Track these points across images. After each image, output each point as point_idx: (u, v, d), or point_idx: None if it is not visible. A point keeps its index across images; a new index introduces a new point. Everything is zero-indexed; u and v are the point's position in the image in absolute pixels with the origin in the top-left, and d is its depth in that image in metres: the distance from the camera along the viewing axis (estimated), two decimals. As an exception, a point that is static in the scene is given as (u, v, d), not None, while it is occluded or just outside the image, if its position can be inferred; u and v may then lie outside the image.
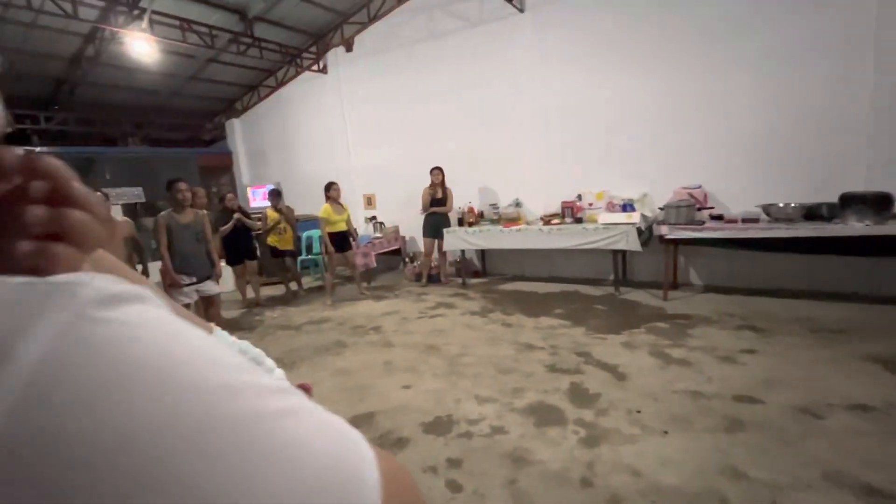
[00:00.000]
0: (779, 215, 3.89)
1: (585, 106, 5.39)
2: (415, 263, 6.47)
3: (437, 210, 5.77)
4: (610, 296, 4.75)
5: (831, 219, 3.68)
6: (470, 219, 5.83)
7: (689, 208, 4.26)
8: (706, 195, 4.61)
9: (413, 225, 6.54)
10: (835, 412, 2.26)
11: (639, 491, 1.82)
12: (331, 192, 5.35)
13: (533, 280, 5.76)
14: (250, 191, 8.63)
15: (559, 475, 1.97)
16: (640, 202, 4.94)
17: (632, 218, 4.63)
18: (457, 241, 5.65)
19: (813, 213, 3.79)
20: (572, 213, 5.17)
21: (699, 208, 4.43)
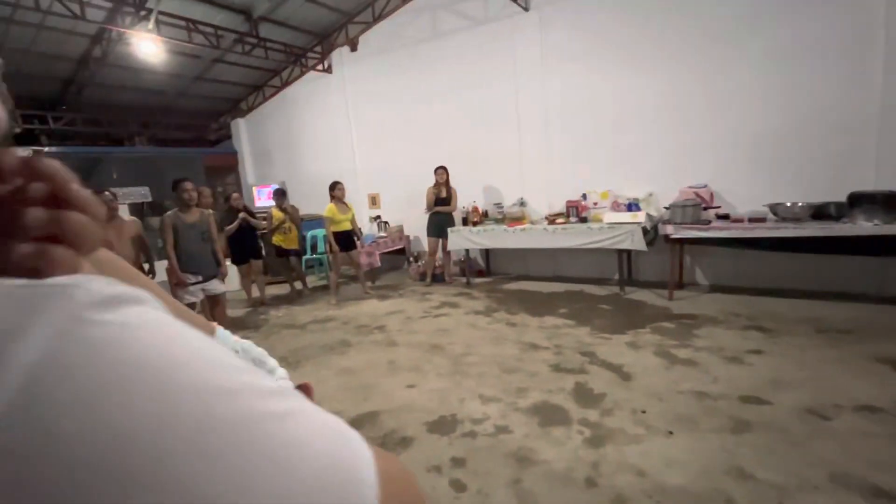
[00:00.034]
0: (786, 214, 3.85)
1: (591, 105, 5.36)
2: (419, 263, 6.48)
3: (441, 209, 5.77)
4: (615, 295, 4.74)
5: (839, 218, 3.65)
6: (474, 218, 5.83)
7: (695, 208, 4.23)
8: (712, 194, 4.58)
9: (417, 224, 6.54)
10: (842, 413, 2.24)
11: (643, 491, 1.82)
12: (335, 192, 5.37)
13: (537, 279, 5.75)
14: (255, 190, 8.67)
15: (563, 475, 1.96)
16: (645, 201, 4.92)
17: (637, 217, 4.61)
18: (461, 240, 5.64)
19: (821, 212, 3.75)
20: (577, 212, 5.15)
21: (705, 207, 4.40)
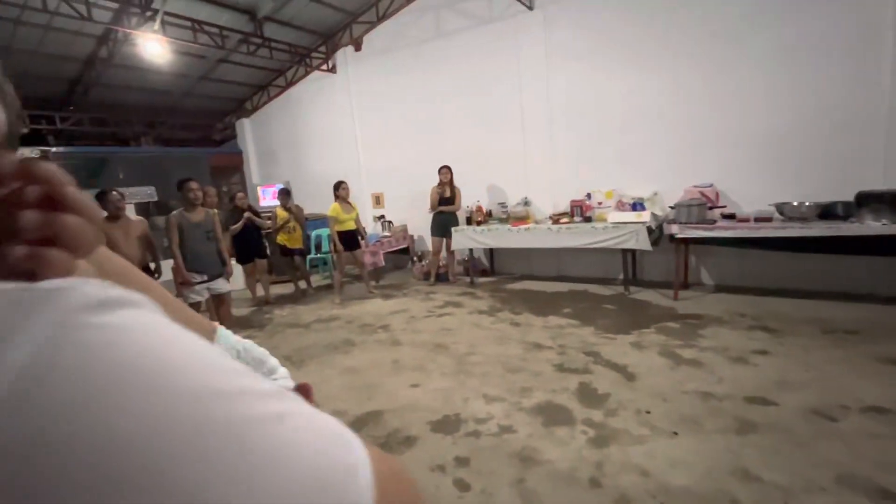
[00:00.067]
0: (793, 214, 3.82)
1: (595, 104, 5.34)
2: (423, 262, 6.48)
3: (445, 209, 5.77)
4: (619, 295, 4.72)
5: (847, 218, 3.61)
6: (478, 217, 5.83)
7: (701, 207, 4.21)
8: (718, 194, 4.55)
9: (421, 224, 6.54)
10: (849, 414, 2.22)
11: (648, 491, 1.81)
12: (339, 191, 5.38)
13: (541, 279, 5.74)
14: (260, 190, 8.69)
15: (567, 475, 1.96)
16: (650, 201, 4.89)
17: (642, 217, 4.58)
18: (465, 239, 5.64)
19: (828, 211, 3.72)
20: (581, 211, 5.13)
21: (711, 207, 4.38)
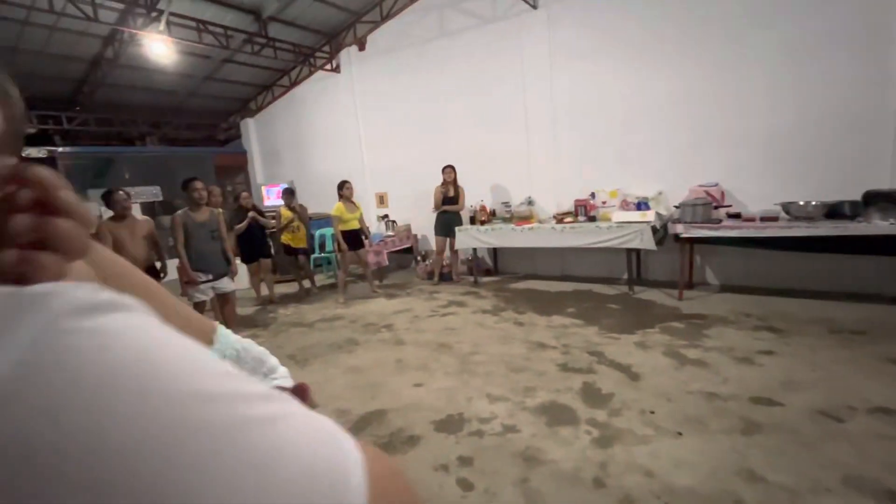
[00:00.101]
0: (799, 213, 3.79)
1: (599, 103, 5.32)
2: (427, 262, 6.48)
3: (449, 208, 5.77)
4: (624, 295, 4.70)
5: (854, 217, 3.58)
6: (482, 217, 5.82)
7: (706, 206, 4.18)
8: (723, 193, 4.52)
9: (425, 223, 6.54)
10: (855, 415, 2.21)
11: (652, 492, 1.81)
12: (343, 191, 5.39)
13: (545, 279, 5.73)
14: (264, 189, 8.73)
15: (571, 475, 1.96)
16: (654, 200, 4.87)
17: (646, 216, 4.57)
18: (469, 239, 5.64)
19: (835, 211, 3.69)
20: (585, 211, 5.12)
21: (716, 206, 4.35)
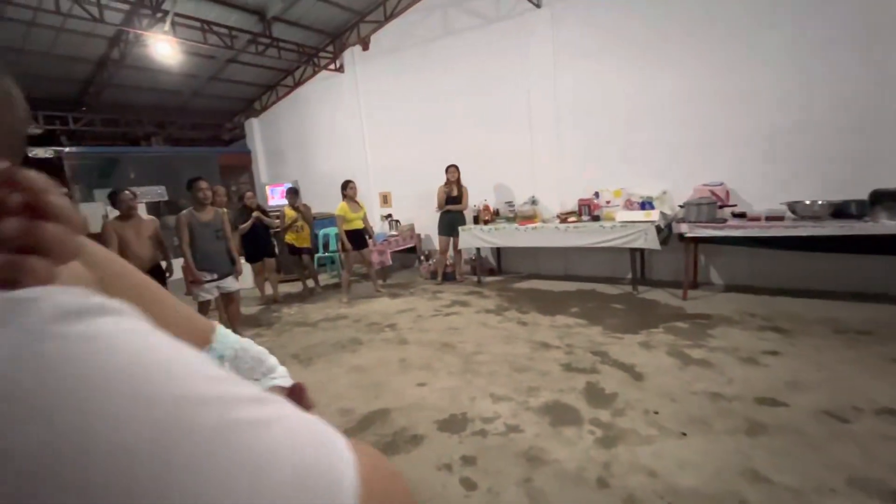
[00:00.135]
0: (805, 213, 3.76)
1: (603, 102, 5.31)
2: (430, 261, 6.49)
3: (452, 208, 5.77)
4: (628, 295, 4.69)
5: (861, 216, 3.55)
6: (485, 217, 5.82)
7: (711, 206, 4.16)
8: (728, 192, 4.50)
9: (428, 223, 6.55)
10: (862, 416, 2.19)
11: (655, 492, 1.80)
12: (347, 191, 5.40)
13: (549, 278, 5.72)
14: (269, 189, 8.76)
15: (575, 475, 1.95)
16: (659, 200, 4.85)
17: (650, 216, 4.55)
18: (472, 238, 5.64)
19: (841, 210, 3.66)
20: (589, 210, 5.10)
21: (721, 206, 4.33)
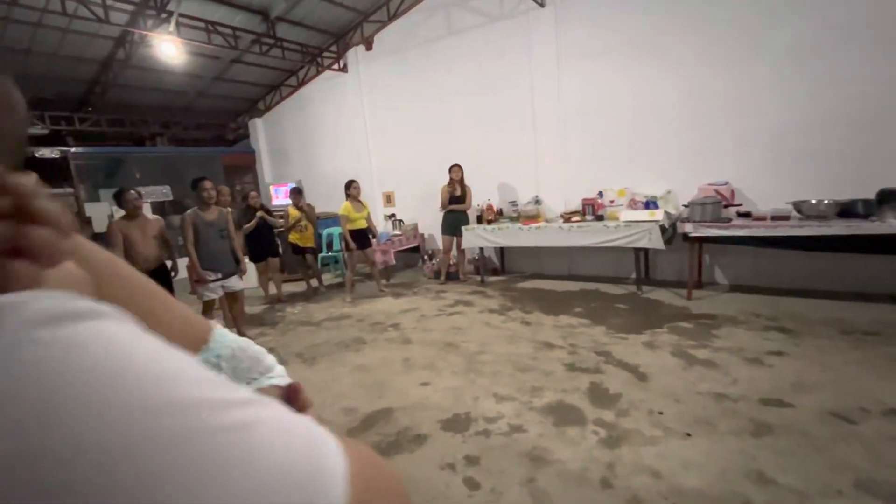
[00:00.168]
0: (811, 212, 3.73)
1: (607, 102, 5.29)
2: (433, 261, 6.49)
3: (455, 207, 5.77)
4: (632, 294, 4.67)
5: (868, 216, 3.52)
6: (489, 216, 5.81)
7: (715, 205, 4.14)
8: (733, 192, 4.48)
9: (432, 222, 6.55)
10: (868, 417, 2.17)
11: (660, 493, 1.79)
12: (351, 190, 5.41)
13: (552, 278, 5.71)
14: (272, 189, 8.79)
15: (578, 475, 1.95)
16: (663, 199, 4.83)
17: (655, 215, 4.53)
18: (475, 238, 5.63)
19: (848, 210, 3.62)
20: (593, 210, 5.09)
21: (726, 205, 4.30)
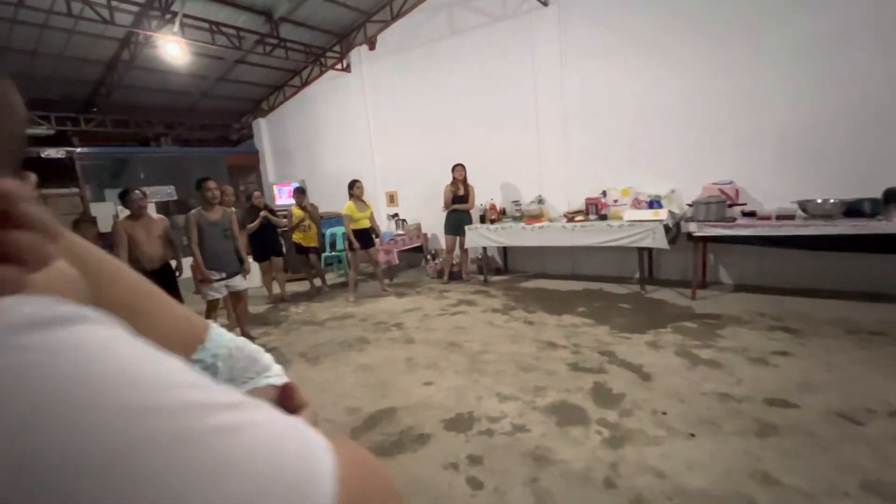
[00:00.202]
0: (816, 212, 3.71)
1: (610, 101, 5.27)
2: (437, 260, 6.49)
3: (458, 207, 5.77)
4: (635, 294, 4.66)
5: (874, 215, 3.50)
6: (492, 216, 5.81)
7: (720, 204, 4.12)
8: (738, 191, 4.45)
9: (435, 222, 6.55)
10: (875, 418, 2.16)
11: (663, 493, 1.79)
12: (354, 190, 5.42)
13: (555, 278, 5.70)
14: (276, 189, 8.82)
15: (582, 475, 1.94)
16: (667, 198, 4.81)
17: (659, 215, 4.51)
18: (479, 238, 5.63)
19: (854, 209, 3.60)
20: (597, 209, 5.07)
21: (730, 204, 4.28)
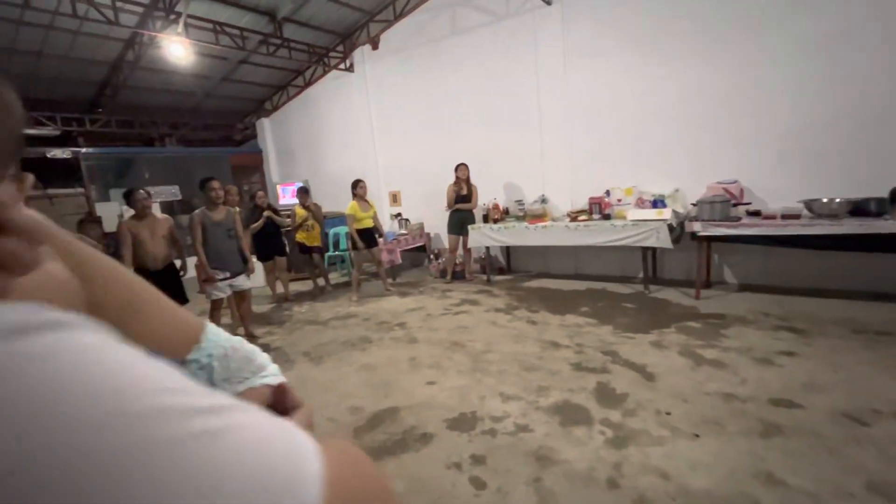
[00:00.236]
0: (822, 211, 3.68)
1: (614, 100, 5.25)
2: (440, 260, 6.49)
3: (462, 207, 5.76)
4: (639, 294, 4.64)
5: (881, 214, 3.47)
6: (495, 215, 5.80)
7: (724, 204, 4.09)
8: (742, 190, 4.43)
9: (438, 222, 6.56)
10: (881, 418, 2.14)
11: (667, 493, 1.78)
12: (357, 190, 5.42)
13: (558, 277, 5.69)
14: (280, 188, 8.84)
15: (585, 475, 1.94)
16: (671, 198, 4.79)
17: (662, 214, 4.49)
18: (482, 237, 5.63)
19: (860, 208, 3.57)
20: (600, 209, 5.06)
21: (735, 204, 4.26)
